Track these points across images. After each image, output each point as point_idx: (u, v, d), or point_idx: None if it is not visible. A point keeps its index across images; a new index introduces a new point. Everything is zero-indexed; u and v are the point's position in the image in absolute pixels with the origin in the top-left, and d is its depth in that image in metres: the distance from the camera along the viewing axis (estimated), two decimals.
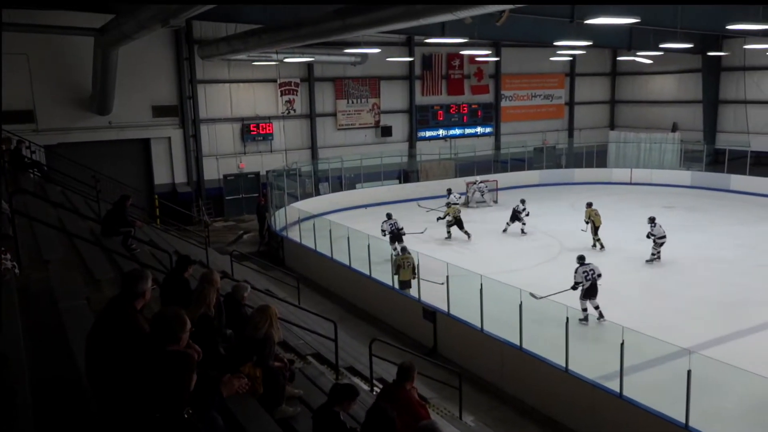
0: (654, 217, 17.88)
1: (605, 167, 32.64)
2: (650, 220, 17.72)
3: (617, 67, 37.29)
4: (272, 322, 6.26)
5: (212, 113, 26.13)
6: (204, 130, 25.92)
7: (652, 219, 17.71)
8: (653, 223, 17.57)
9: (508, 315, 11.14)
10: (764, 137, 30.18)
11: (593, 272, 13.19)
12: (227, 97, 26.48)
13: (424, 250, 16.88)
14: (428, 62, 31.15)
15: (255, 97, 27.10)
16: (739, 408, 9.64)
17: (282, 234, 20.61)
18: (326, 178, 27.55)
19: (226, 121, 26.54)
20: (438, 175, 29.99)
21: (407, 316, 13.97)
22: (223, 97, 26.39)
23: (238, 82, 26.60)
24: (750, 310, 13.96)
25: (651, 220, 17.69)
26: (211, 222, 23.61)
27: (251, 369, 6.06)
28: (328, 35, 15.80)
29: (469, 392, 10.38)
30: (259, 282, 14.44)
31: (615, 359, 9.12)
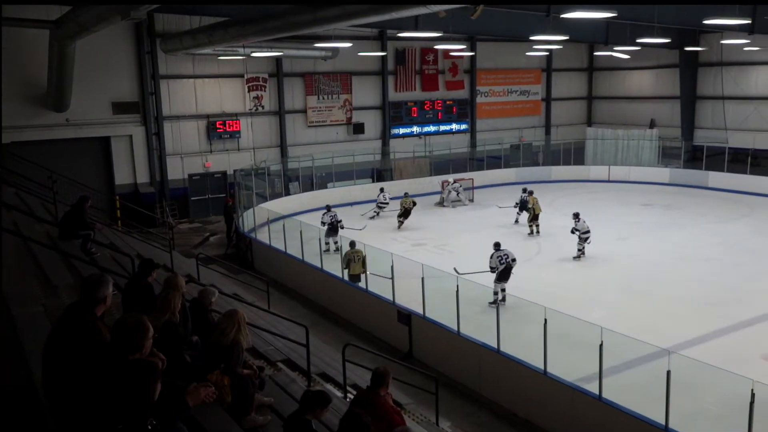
0: (578, 213, 18.45)
1: (583, 164, 33.09)
2: (574, 215, 18.28)
3: (594, 63, 37.79)
4: (240, 328, 6.23)
5: (176, 110, 25.85)
6: (167, 127, 25.64)
7: (576, 214, 18.27)
8: (577, 219, 18.10)
9: (485, 317, 11.20)
10: (741, 133, 30.85)
11: (507, 257, 14.49)
12: (192, 93, 26.22)
13: (398, 250, 16.92)
14: (401, 57, 31.23)
15: (221, 93, 26.88)
16: (719, 408, 9.83)
17: (250, 236, 20.49)
18: (296, 177, 27.45)
19: (191, 118, 26.28)
20: (412, 173, 30.09)
21: (381, 320, 13.98)
22: (187, 93, 26.12)
23: (203, 78, 26.35)
24: (729, 308, 14.25)
25: (575, 216, 18.24)
26: (175, 224, 23.39)
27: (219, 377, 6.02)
28: (298, 29, 15.74)
29: (446, 397, 10.42)
30: (227, 286, 14.32)
31: (594, 361, 9.23)
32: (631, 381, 10.59)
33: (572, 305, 13.26)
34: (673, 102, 33.66)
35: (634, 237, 20.85)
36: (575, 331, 10.83)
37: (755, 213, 24.02)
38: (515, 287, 14.12)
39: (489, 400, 11.14)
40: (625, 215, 24.05)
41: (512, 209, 22.90)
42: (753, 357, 11.78)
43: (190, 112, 26.24)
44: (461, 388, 11.53)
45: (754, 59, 30.08)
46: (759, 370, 10.71)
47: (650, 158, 32.61)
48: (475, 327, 11.76)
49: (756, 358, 11.76)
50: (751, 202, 25.68)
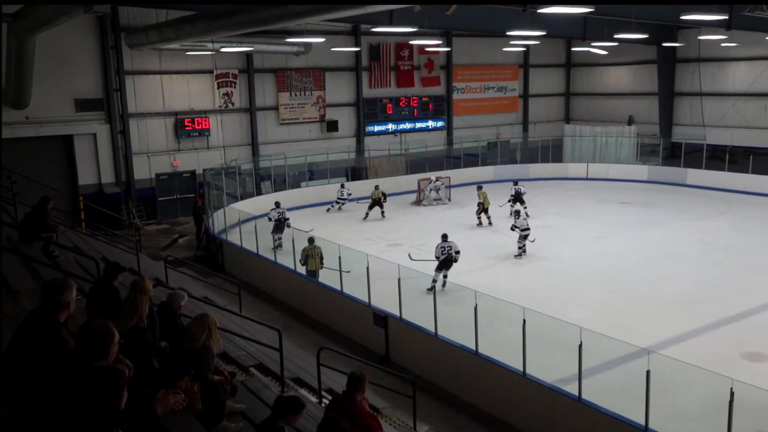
0: (519, 211, 19.09)
1: (561, 162, 33.42)
2: (516, 213, 18.90)
3: (572, 58, 38.19)
4: (211, 333, 6.19)
5: (142, 107, 25.58)
6: (133, 125, 25.35)
7: (518, 212, 18.90)
8: (518, 216, 18.67)
9: (463, 318, 11.26)
10: (719, 130, 31.41)
11: (450, 249, 15.76)
12: (159, 89, 25.97)
13: (373, 251, 16.93)
14: (376, 52, 31.24)
15: (189, 89, 26.66)
16: (699, 408, 9.99)
17: (221, 237, 20.34)
18: (268, 176, 27.32)
19: (158, 115, 26.02)
20: (388, 172, 30.12)
21: (357, 323, 13.97)
22: (154, 90, 25.86)
23: (170, 74, 26.10)
24: (708, 307, 14.50)
25: (516, 214, 18.84)
26: (142, 225, 23.17)
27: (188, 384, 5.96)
28: (268, 23, 15.66)
29: (424, 401, 10.45)
30: (197, 289, 14.23)
31: (573, 361, 9.33)
32: (610, 381, 10.73)
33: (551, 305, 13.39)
34: (651, 98, 34.15)
35: (613, 235, 21.12)
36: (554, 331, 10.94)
37: (734, 210, 24.47)
38: (493, 288, 14.21)
39: (467, 403, 11.19)
40: (604, 213, 24.34)
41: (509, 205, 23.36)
42: (733, 355, 12.00)
43: (157, 110, 25.98)
44: (439, 391, 11.57)
45: (731, 55, 30.66)
46: (739, 368, 10.93)
47: (628, 155, 33.06)
48: (452, 329, 11.80)
49: (736, 357, 11.99)
50: (730, 199, 26.16)
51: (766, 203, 25.41)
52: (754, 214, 23.65)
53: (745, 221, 22.71)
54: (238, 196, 24.54)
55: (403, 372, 11.52)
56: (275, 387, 8.77)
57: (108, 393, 3.69)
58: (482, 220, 22.50)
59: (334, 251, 14.44)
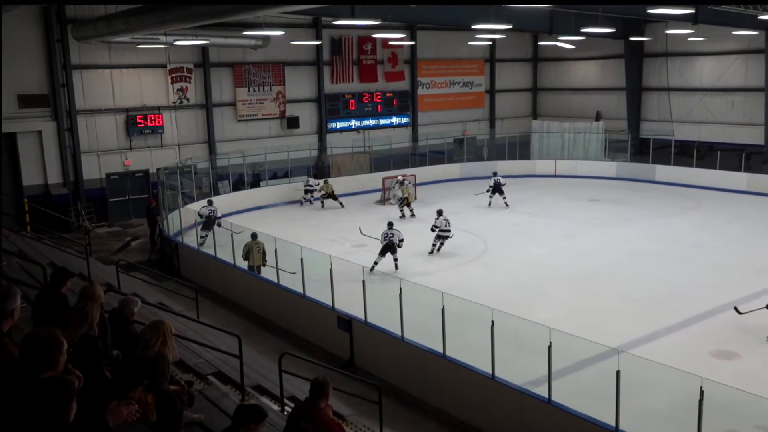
0: (441, 210, 19.59)
1: (529, 159, 33.81)
2: (438, 212, 19.45)
3: (539, 53, 38.69)
4: (166, 340, 6.12)
5: (91, 103, 25.15)
6: (82, 122, 24.91)
7: (439, 211, 19.46)
8: (439, 215, 19.22)
9: (430, 321, 11.31)
10: (687, 126, 32.14)
11: (393, 236, 17.41)
12: (108, 84, 25.57)
13: (337, 252, 16.91)
14: (338, 46, 31.20)
15: (141, 84, 26.30)
16: (669, 407, 10.20)
17: (176, 240, 20.12)
18: (226, 175, 27.09)
19: (108, 112, 25.62)
20: (351, 170, 30.12)
21: (320, 327, 13.95)
22: (103, 85, 25.45)
23: (120, 68, 25.72)
24: (677, 304, 14.81)
25: (438, 213, 19.38)
26: (92, 228, 22.83)
27: (142, 394, 5.87)
28: (224, 15, 15.53)
29: (390, 406, 10.47)
30: (151, 295, 14.04)
31: (543, 363, 9.44)
32: (581, 383, 10.89)
33: (520, 306, 13.55)
34: (618, 94, 34.78)
35: (582, 233, 21.44)
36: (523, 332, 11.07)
37: (702, 206, 25.06)
38: (461, 288, 14.31)
39: (435, 407, 11.25)
40: (573, 211, 24.71)
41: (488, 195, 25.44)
42: (702, 353, 12.29)
43: (107, 106, 25.58)
44: (406, 396, 11.61)
45: (698, 50, 31.38)
46: (708, 366, 11.20)
47: (597, 152, 33.60)
48: (419, 332, 11.85)
49: (705, 355, 12.27)
50: (698, 195, 26.78)
51: (733, 199, 26.08)
52: (722, 211, 24.25)
53: (713, 218, 23.27)
54: (195, 196, 24.31)
55: (368, 377, 11.52)
56: (235, 396, 8.70)
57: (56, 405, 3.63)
58: (405, 213, 23.77)
59: (296, 253, 14.39)
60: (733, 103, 31.07)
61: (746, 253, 18.84)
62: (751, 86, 30.05)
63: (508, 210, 24.88)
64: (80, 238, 19.15)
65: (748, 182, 26.74)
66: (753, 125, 30.04)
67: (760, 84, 29.16)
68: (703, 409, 7.87)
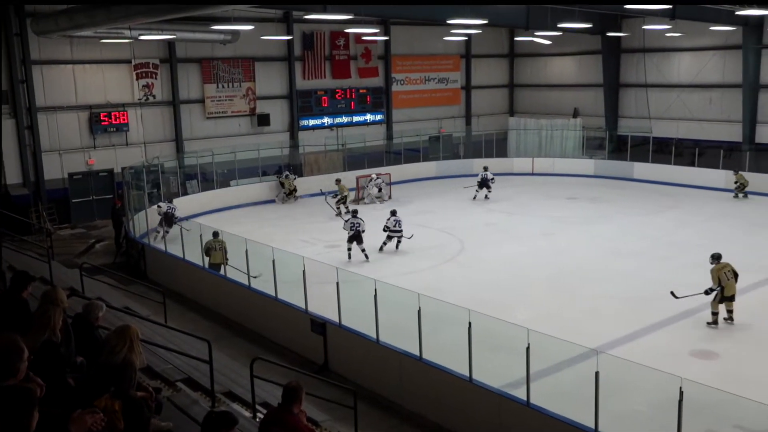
0: (395, 210, 20.11)
1: (506, 157, 34.04)
2: (391, 212, 19.92)
3: (515, 48, 38.96)
4: (132, 345, 6.07)
5: (52, 100, 24.84)
6: (42, 120, 24.58)
7: (393, 211, 19.94)
8: (392, 215, 19.70)
9: (405, 322, 11.34)
10: (665, 122, 32.59)
11: (359, 225, 18.63)
12: (71, 81, 25.28)
13: (310, 253, 16.89)
14: (309, 41, 31.13)
15: (105, 80, 26.04)
16: (649, 408, 10.33)
17: (143, 241, 19.94)
18: (194, 174, 26.91)
19: (71, 109, 25.33)
20: (325, 168, 30.10)
21: (293, 330, 13.91)
22: (65, 82, 25.16)
23: (83, 63, 25.44)
24: (656, 304, 14.98)
25: (391, 213, 19.85)
26: (54, 230, 22.52)
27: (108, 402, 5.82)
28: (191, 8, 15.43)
29: (366, 411, 10.47)
30: (117, 299, 13.97)
31: (521, 365, 9.51)
32: (559, 384, 10.99)
33: (497, 306, 13.64)
34: (596, 90, 35.15)
35: (560, 232, 21.64)
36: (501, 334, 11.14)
37: (680, 205, 25.42)
38: (437, 289, 14.37)
39: (411, 411, 11.27)
40: (550, 209, 24.93)
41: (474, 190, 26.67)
42: (681, 353, 12.47)
43: (70, 103, 25.29)
44: (382, 401, 11.62)
45: (675, 45, 31.84)
46: (688, 367, 11.37)
47: (574, 149, 33.95)
48: (395, 334, 11.87)
49: (684, 355, 12.45)
50: (676, 193, 27.17)
51: (712, 197, 26.49)
52: (700, 209, 24.62)
53: (691, 216, 23.62)
54: (162, 196, 24.09)
55: (343, 381, 11.53)
56: (205, 402, 8.66)
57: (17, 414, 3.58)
58: (341, 210, 24.18)
59: (267, 254, 14.33)
60: (711, 100, 31.58)
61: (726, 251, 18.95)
62: (729, 82, 30.56)
63: (485, 209, 25.03)
64: (42, 240, 18.94)
65: (727, 180, 27.19)
66: (731, 122, 30.56)
67: (738, 80, 29.68)
68: (682, 409, 7.98)
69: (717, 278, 13.57)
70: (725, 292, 13.58)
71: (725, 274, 13.58)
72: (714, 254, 13.97)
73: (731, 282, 13.60)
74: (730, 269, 13.72)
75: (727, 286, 13.55)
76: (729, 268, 13.72)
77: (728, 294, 13.61)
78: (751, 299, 15.25)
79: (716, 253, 14.01)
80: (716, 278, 13.58)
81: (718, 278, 13.56)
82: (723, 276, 13.57)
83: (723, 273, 13.60)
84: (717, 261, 13.84)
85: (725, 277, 13.57)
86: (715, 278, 13.60)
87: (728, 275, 13.60)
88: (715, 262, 13.83)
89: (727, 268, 13.70)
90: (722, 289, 13.55)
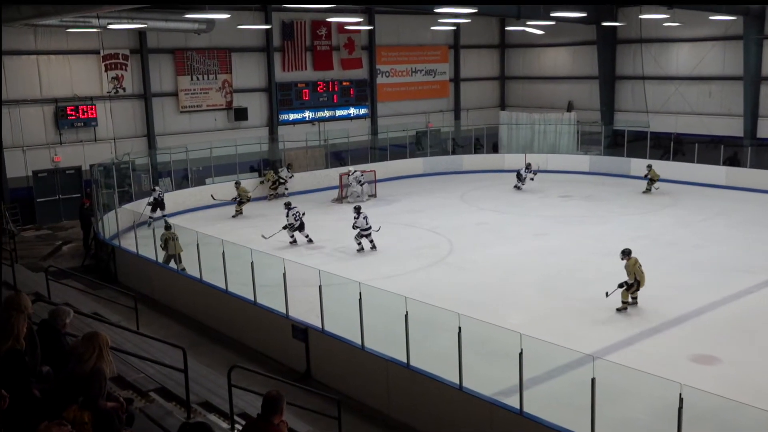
0: (359, 207, 20.61)
1: (497, 152, 34.14)
2: (355, 209, 20.38)
3: (506, 39, 39.10)
4: (102, 353, 6.05)
5: (15, 93, 24.64)
6: (5, 114, 24.39)
7: (357, 208, 20.41)
8: (357, 214, 20.08)
9: (392, 328, 11.34)
10: (663, 116, 32.82)
11: (300, 213, 20.78)
12: (35, 72, 25.13)
13: (291, 255, 16.86)
14: (289, 31, 31.07)
15: (72, 72, 25.89)
16: (647, 416, 10.39)
17: (113, 243, 19.83)
18: (168, 172, 26.80)
19: (35, 102, 25.18)
20: (306, 165, 30.08)
21: (273, 336, 13.88)
22: (29, 73, 25.00)
23: (48, 54, 25.29)
24: (654, 306, 15.09)
25: (356, 210, 20.32)
26: (18, 231, 22.40)
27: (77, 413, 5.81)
28: None
29: (351, 421, 10.47)
30: (85, 304, 13.88)
31: (514, 371, 9.53)
32: (554, 392, 11.02)
33: (488, 310, 13.69)
34: (591, 82, 35.34)
35: (553, 232, 21.73)
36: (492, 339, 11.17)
37: (678, 203, 25.60)
38: (425, 292, 14.39)
39: (399, 421, 11.28)
40: (543, 208, 25.03)
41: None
42: (680, 358, 12.56)
43: (33, 96, 25.14)
44: (367, 410, 11.62)
45: (674, 36, 32.07)
46: (687, 372, 11.45)
47: (568, 145, 34.08)
48: (381, 340, 11.87)
49: (683, 360, 12.54)
50: (674, 190, 27.34)
51: (712, 195, 26.71)
52: (699, 207, 24.80)
53: (690, 215, 23.78)
54: (133, 195, 24.01)
55: (326, 390, 11.52)
56: (180, 413, 8.63)
57: None
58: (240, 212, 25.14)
59: (245, 256, 14.29)
60: (711, 93, 31.84)
61: (726, 252, 19.31)
62: (729, 75, 30.83)
63: (475, 207, 25.10)
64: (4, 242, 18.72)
65: (727, 176, 27.41)
66: (731, 116, 30.82)
67: (739, 72, 29.93)
68: (682, 417, 8.03)
69: (633, 273, 14.88)
70: (641, 285, 14.95)
71: (639, 268, 14.93)
72: (624, 250, 15.25)
73: (644, 275, 15.01)
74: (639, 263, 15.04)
75: (642, 278, 14.93)
76: (639, 262, 15.04)
77: (643, 285, 15.01)
78: (753, 301, 15.43)
79: (626, 248, 15.30)
80: (632, 273, 14.88)
81: (633, 273, 14.87)
82: (638, 270, 14.91)
83: (637, 267, 14.92)
84: (628, 257, 15.09)
85: (639, 270, 14.93)
86: (631, 273, 14.88)
87: (641, 268, 14.97)
88: (626, 257, 15.08)
89: (638, 262, 15.00)
90: (638, 283, 14.89)
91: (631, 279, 14.87)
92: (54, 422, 4.41)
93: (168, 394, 9.37)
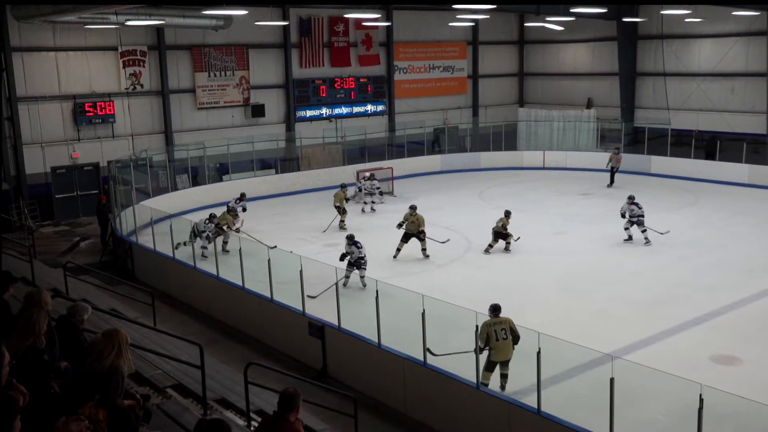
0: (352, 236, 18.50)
1: (515, 150, 33.97)
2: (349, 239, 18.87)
3: (525, 35, 38.90)
4: (120, 350, 6.05)
5: (34, 90, 24.86)
6: (23, 111, 24.61)
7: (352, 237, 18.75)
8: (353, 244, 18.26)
9: (409, 326, 11.33)
10: (684, 114, 32.54)
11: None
12: (54, 69, 25.31)
13: (308, 252, 16.87)
14: (307, 27, 31.11)
15: (90, 69, 26.07)
16: (667, 417, 10.33)
17: (131, 240, 19.95)
18: (185, 169, 26.91)
19: (54, 99, 25.36)
20: (322, 162, 30.08)
21: (290, 334, 13.92)
22: (48, 70, 25.19)
23: (67, 51, 25.47)
24: (675, 307, 14.98)
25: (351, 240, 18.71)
26: (36, 227, 22.59)
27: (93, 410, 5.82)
28: None
29: (367, 420, 10.48)
30: (103, 300, 13.96)
31: (531, 370, 9.50)
32: (572, 391, 10.97)
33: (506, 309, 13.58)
34: (611, 79, 35.10)
35: (573, 231, 21.61)
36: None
37: (700, 201, 25.37)
38: (443, 291, 14.37)
39: (416, 420, 11.28)
40: (563, 206, 24.89)
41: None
42: (701, 359, 12.44)
43: (52, 93, 25.33)
44: (384, 409, 11.62)
45: (696, 32, 31.78)
46: (708, 373, 11.35)
47: (588, 142, 33.87)
48: (398, 338, 11.87)
49: (705, 360, 12.43)
50: (696, 188, 27.10)
51: (734, 193, 26.44)
52: (721, 206, 24.56)
53: (712, 213, 23.57)
54: (150, 192, 24.10)
55: (342, 388, 11.53)
56: (196, 410, 8.67)
57: None
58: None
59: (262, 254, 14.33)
60: (734, 90, 31.52)
61: (748, 251, 19.11)
62: (753, 71, 30.51)
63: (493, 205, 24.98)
64: (23, 238, 18.93)
65: (750, 174, 27.13)
66: (754, 113, 30.51)
67: (762, 68, 29.64)
68: (702, 418, 7.97)
69: (485, 335, 10.42)
70: (492, 357, 10.58)
71: (496, 333, 10.52)
72: (492, 305, 10.91)
73: (506, 343, 10.54)
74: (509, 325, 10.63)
75: (495, 348, 10.52)
76: (508, 324, 10.64)
77: (496, 359, 10.63)
78: None
79: (495, 304, 10.94)
80: (484, 335, 10.41)
81: (486, 335, 10.43)
82: (493, 334, 10.50)
83: (494, 330, 10.53)
84: (495, 314, 10.78)
85: (495, 335, 10.51)
86: (483, 335, 10.41)
87: (502, 333, 10.55)
88: (492, 314, 10.76)
89: (504, 324, 10.63)
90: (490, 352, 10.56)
91: (481, 342, 10.38)
92: (71, 418, 4.44)
93: (185, 391, 9.41)
